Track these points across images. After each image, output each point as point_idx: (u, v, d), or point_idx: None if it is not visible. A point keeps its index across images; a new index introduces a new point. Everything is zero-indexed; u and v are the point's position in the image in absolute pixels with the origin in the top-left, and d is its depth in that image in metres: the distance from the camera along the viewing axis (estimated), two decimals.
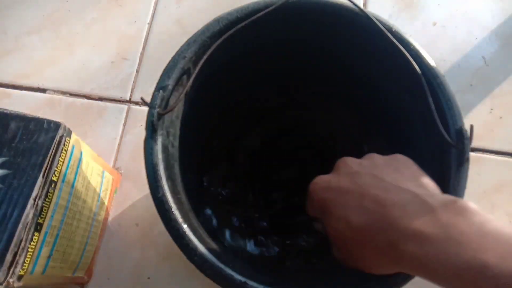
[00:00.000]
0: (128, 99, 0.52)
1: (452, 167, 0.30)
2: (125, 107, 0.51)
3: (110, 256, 0.44)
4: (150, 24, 0.56)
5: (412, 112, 0.35)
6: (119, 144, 0.50)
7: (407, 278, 0.27)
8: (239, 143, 0.46)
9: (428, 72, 0.32)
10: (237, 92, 0.44)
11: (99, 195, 0.42)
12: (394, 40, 0.32)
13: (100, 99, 0.52)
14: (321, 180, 0.28)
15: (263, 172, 0.46)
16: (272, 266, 0.41)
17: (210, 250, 0.27)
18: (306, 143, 0.47)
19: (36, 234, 0.31)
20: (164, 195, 0.28)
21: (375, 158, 0.28)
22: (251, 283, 0.26)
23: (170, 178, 0.29)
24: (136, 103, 0.52)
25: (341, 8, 0.34)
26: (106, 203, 0.44)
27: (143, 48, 0.55)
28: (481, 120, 0.51)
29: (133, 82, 0.53)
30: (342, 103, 0.45)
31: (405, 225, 0.22)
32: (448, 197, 0.23)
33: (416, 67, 0.32)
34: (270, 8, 0.32)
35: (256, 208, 0.44)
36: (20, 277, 0.30)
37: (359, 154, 0.30)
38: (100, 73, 0.53)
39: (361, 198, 0.25)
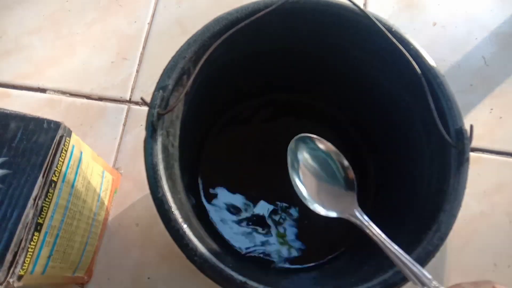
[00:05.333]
0: (128, 99, 0.52)
1: (452, 167, 0.30)
2: (125, 107, 0.51)
3: (110, 256, 0.44)
4: (150, 24, 0.56)
5: (412, 112, 0.35)
6: (119, 144, 0.50)
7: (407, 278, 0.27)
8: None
9: (428, 72, 0.32)
10: (237, 92, 0.44)
11: (99, 195, 0.42)
12: (394, 40, 0.32)
13: (100, 99, 0.52)
14: None
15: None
16: (271, 267, 0.41)
17: (210, 250, 0.27)
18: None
19: (36, 234, 0.31)
20: (164, 195, 0.28)
21: None
22: (251, 283, 0.26)
23: (170, 178, 0.29)
24: (136, 103, 0.52)
25: (341, 8, 0.34)
26: (106, 203, 0.44)
27: (143, 48, 0.55)
28: (481, 120, 0.50)
29: (133, 82, 0.53)
30: (342, 102, 0.45)
31: None
32: None
33: (416, 67, 0.32)
34: (270, 8, 0.32)
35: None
36: (20, 277, 0.30)
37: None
38: (100, 73, 0.53)
39: None
